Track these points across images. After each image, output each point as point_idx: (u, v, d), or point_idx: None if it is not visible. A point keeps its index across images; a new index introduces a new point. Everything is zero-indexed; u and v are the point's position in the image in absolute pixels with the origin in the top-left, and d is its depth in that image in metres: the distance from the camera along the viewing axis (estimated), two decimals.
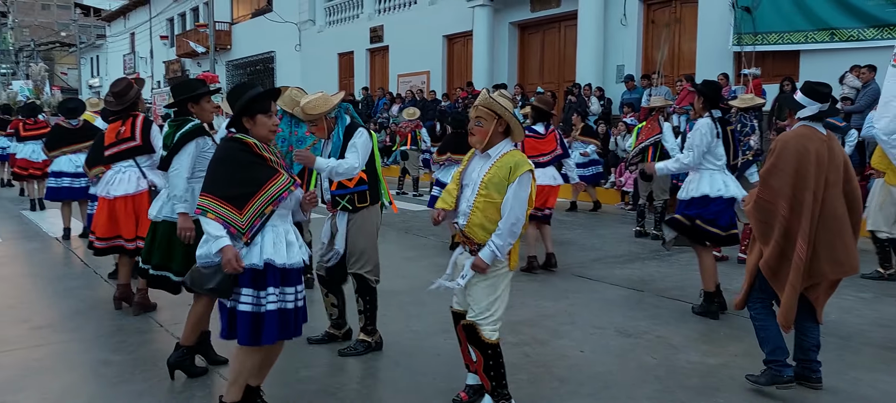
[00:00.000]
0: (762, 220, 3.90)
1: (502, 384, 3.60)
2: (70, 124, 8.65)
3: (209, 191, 3.27)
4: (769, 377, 3.94)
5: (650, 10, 15.28)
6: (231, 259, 3.18)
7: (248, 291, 3.26)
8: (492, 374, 3.57)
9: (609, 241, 9.03)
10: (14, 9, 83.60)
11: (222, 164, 3.32)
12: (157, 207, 4.52)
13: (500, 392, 3.60)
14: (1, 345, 4.87)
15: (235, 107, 3.37)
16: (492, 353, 3.53)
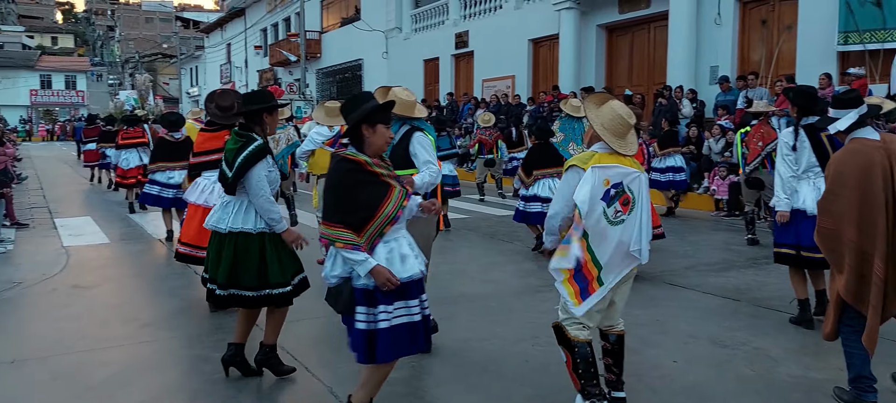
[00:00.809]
0: (829, 248, 3.69)
1: (591, 382, 3.61)
2: (172, 137, 9.11)
3: (329, 218, 3.24)
4: (852, 396, 3.79)
5: (746, 9, 14.73)
6: (388, 277, 3.17)
7: (361, 309, 3.24)
8: (579, 372, 3.62)
9: (702, 248, 8.75)
10: (121, 23, 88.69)
11: (337, 190, 3.26)
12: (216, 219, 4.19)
13: (589, 391, 3.60)
14: (110, 341, 5.16)
15: (354, 115, 3.27)
16: (578, 352, 3.59)
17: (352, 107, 3.32)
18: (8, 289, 6.80)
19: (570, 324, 3.64)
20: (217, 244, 4.15)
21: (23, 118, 52.96)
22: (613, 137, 3.53)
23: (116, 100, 51.86)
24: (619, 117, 3.54)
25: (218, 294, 4.14)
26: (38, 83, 59.17)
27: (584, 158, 3.57)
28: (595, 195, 3.45)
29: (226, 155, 4.09)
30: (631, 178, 3.53)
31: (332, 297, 3.31)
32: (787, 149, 5.23)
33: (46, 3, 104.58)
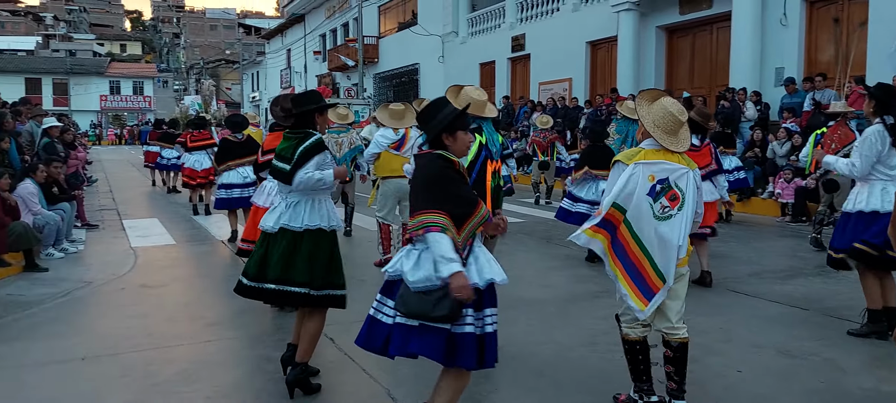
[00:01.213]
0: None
1: (640, 378, 3.77)
2: (235, 138, 9.42)
3: (441, 207, 3.06)
4: None
5: (813, 8, 14.27)
6: (466, 286, 2.99)
7: (470, 313, 3.11)
8: (630, 368, 3.79)
9: (767, 255, 8.51)
10: (186, 30, 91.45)
11: (441, 182, 3.14)
12: (274, 218, 4.14)
13: (637, 387, 3.78)
14: (177, 339, 5.32)
15: (434, 125, 3.21)
16: (628, 348, 3.76)
17: (430, 116, 3.25)
18: (79, 288, 7.07)
19: (626, 321, 3.76)
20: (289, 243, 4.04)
21: (93, 122, 55.07)
22: (663, 134, 3.55)
23: (181, 105, 53.55)
24: (670, 114, 3.56)
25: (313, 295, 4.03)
26: (108, 89, 61.44)
27: (629, 154, 3.63)
28: (638, 191, 3.50)
29: (281, 152, 4.10)
30: (678, 175, 3.54)
31: (432, 305, 3.03)
32: (882, 145, 4.94)
33: (116, 12, 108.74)
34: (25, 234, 7.70)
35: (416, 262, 3.12)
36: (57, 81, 59.68)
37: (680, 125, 3.59)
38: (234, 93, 63.36)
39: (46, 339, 5.36)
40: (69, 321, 5.94)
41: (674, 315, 3.69)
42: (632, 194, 3.53)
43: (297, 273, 4.00)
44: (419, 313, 3.05)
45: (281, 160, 4.09)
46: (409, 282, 3.09)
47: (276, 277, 4.03)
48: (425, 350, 3.10)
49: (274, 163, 4.14)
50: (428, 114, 3.27)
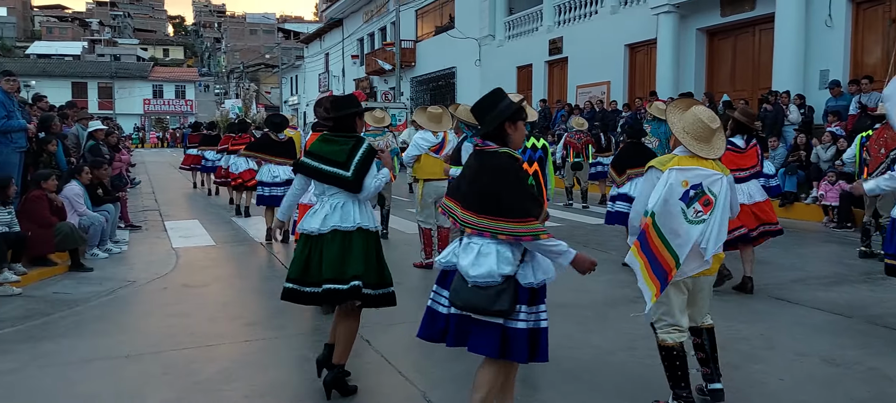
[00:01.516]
0: None
1: (679, 384, 3.70)
2: (277, 137, 9.62)
3: (520, 214, 3.11)
4: None
5: (860, 9, 13.93)
6: (592, 261, 3.26)
7: (523, 308, 3.18)
8: (668, 374, 3.74)
9: (811, 261, 8.32)
10: (227, 35, 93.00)
11: (521, 183, 3.22)
12: (320, 220, 4.07)
13: (676, 394, 3.72)
14: (217, 338, 5.41)
15: (496, 114, 3.22)
16: (665, 355, 3.72)
17: (490, 106, 3.27)
18: (123, 287, 7.23)
19: (661, 327, 3.75)
20: (341, 243, 4.02)
21: (136, 126, 56.32)
22: (694, 141, 3.63)
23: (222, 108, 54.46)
24: (700, 122, 3.62)
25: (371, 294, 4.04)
26: (151, 92, 62.81)
27: (663, 160, 3.70)
28: (672, 196, 3.56)
29: (329, 155, 4.10)
30: (712, 180, 3.59)
31: (489, 298, 3.09)
32: None
33: (159, 17, 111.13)
34: (71, 235, 7.90)
35: (476, 258, 3.15)
36: (102, 85, 61.23)
37: (712, 132, 3.63)
38: (274, 97, 64.21)
39: (91, 337, 5.49)
40: (113, 319, 6.08)
41: (699, 313, 3.87)
42: (666, 200, 3.58)
43: (350, 271, 3.98)
44: (476, 307, 3.11)
45: (331, 164, 4.07)
46: (470, 277, 3.12)
47: (331, 277, 3.98)
48: (480, 347, 3.17)
49: (321, 166, 4.10)
50: (488, 104, 3.28)
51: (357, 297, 4.00)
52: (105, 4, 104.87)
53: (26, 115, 8.95)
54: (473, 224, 3.16)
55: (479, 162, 3.25)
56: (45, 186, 8.00)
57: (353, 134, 4.18)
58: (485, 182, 3.18)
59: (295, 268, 4.10)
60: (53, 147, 9.19)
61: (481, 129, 3.30)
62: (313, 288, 4.03)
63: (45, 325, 5.83)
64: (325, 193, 4.15)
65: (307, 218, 4.14)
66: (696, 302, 3.83)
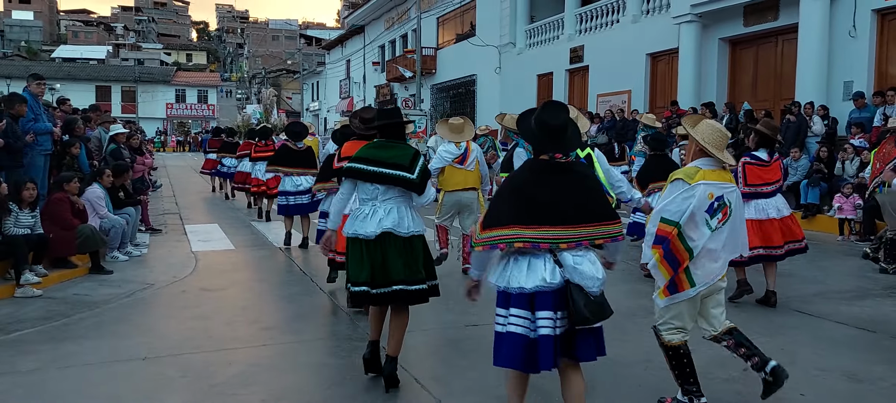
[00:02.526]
0: None
1: (688, 381, 3.91)
2: (296, 146, 9.67)
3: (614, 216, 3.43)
4: None
5: (885, 20, 13.75)
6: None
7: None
8: (676, 373, 3.95)
9: (833, 274, 8.20)
10: (249, 40, 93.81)
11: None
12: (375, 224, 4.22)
13: (686, 389, 3.92)
14: (235, 342, 5.43)
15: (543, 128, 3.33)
16: (672, 355, 3.92)
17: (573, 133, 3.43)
18: (142, 290, 7.29)
19: (664, 328, 3.95)
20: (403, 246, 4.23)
21: (159, 129, 56.90)
22: (717, 150, 3.84)
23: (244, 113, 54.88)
24: (718, 130, 3.89)
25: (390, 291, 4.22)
26: (174, 97, 63.40)
27: (689, 173, 3.84)
28: (700, 208, 3.76)
29: (394, 159, 4.26)
30: (729, 191, 3.86)
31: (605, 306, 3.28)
32: None
33: (182, 23, 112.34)
34: (93, 237, 7.98)
35: (593, 267, 3.29)
36: (125, 89, 61.90)
37: (726, 139, 3.92)
38: (295, 103, 64.63)
39: (111, 338, 5.54)
40: (133, 321, 6.13)
41: (717, 322, 4.02)
42: (693, 212, 3.76)
43: (417, 274, 4.24)
44: (603, 316, 3.27)
45: (394, 167, 4.24)
46: (599, 282, 3.27)
47: (401, 279, 4.20)
48: (589, 354, 3.35)
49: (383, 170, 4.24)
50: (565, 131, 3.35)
51: (425, 299, 4.31)
52: (130, 9, 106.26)
53: (51, 119, 9.08)
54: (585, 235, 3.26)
55: (571, 174, 3.33)
56: (67, 189, 8.10)
57: (408, 143, 4.48)
58: (588, 191, 3.34)
59: (362, 272, 4.22)
60: (76, 150, 9.31)
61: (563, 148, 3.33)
62: (382, 289, 4.22)
63: (65, 326, 5.90)
64: (377, 198, 4.28)
65: (359, 223, 4.25)
66: (708, 309, 3.99)
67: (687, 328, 3.93)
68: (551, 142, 3.31)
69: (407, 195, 4.32)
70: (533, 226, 3.22)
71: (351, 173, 4.36)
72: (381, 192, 4.27)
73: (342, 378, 4.61)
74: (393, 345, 4.32)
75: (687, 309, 3.90)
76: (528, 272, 3.26)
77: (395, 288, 4.20)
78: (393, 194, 4.27)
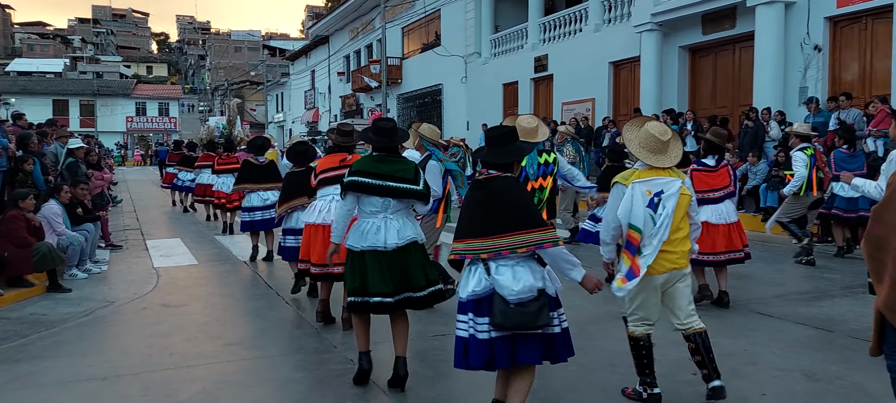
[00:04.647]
0: (873, 256, 3.38)
1: (644, 372, 4.19)
2: (257, 161, 9.58)
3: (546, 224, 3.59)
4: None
5: (837, 28, 14.13)
6: (599, 282, 3.60)
7: (555, 315, 3.60)
8: (635, 363, 4.23)
9: (791, 276, 8.37)
10: (211, 52, 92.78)
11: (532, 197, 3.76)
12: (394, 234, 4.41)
13: (642, 380, 4.21)
14: (198, 359, 5.34)
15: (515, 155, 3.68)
16: (632, 345, 4.22)
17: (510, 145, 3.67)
18: (102, 307, 7.15)
19: (632, 321, 4.21)
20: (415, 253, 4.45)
21: (118, 143, 55.85)
22: (648, 154, 4.09)
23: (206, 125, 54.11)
24: (652, 136, 4.09)
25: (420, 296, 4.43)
26: (134, 110, 62.34)
27: (625, 175, 4.15)
28: (639, 205, 4.02)
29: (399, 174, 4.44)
30: (668, 184, 4.07)
31: (533, 315, 3.41)
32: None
33: (142, 35, 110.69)
34: (50, 255, 7.80)
35: (514, 276, 3.45)
36: (84, 103, 60.70)
37: (664, 144, 4.10)
38: (259, 114, 64.00)
39: (70, 358, 5.42)
40: (92, 340, 6.00)
41: (682, 313, 4.19)
42: (635, 209, 4.04)
43: (423, 279, 4.44)
44: (523, 325, 3.41)
45: (402, 181, 4.40)
46: (514, 294, 3.40)
47: (424, 282, 4.43)
48: (530, 357, 3.54)
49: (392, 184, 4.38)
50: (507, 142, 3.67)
51: (434, 302, 4.54)
52: (88, 21, 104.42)
53: (4, 134, 8.86)
54: (503, 245, 3.44)
55: (488, 189, 3.57)
56: (22, 206, 7.90)
57: (405, 157, 4.73)
58: (504, 203, 3.52)
59: (384, 283, 4.34)
60: (30, 166, 9.07)
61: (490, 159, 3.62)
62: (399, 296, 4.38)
63: (22, 347, 5.75)
64: (387, 211, 4.41)
65: (372, 236, 4.37)
66: (673, 300, 4.19)
67: (651, 320, 4.18)
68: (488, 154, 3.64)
69: (409, 206, 4.53)
70: (464, 240, 3.57)
71: (358, 187, 4.42)
72: (392, 205, 4.41)
73: (309, 393, 4.57)
74: (401, 347, 4.50)
75: (650, 301, 4.14)
76: (466, 282, 3.58)
77: (413, 295, 4.40)
78: (401, 206, 4.45)
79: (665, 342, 4.88)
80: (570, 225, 11.14)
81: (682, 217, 4.13)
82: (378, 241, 4.34)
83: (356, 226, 4.48)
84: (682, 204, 4.11)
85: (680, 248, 4.10)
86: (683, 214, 4.13)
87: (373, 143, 4.56)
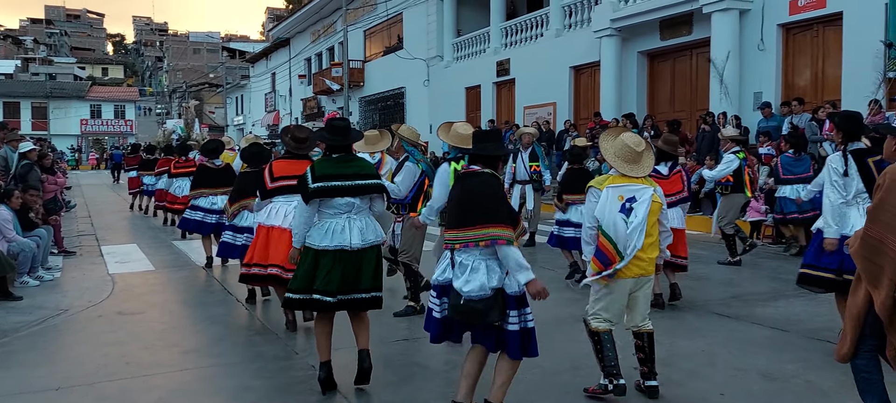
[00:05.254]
0: (869, 259, 3.42)
1: (608, 365, 4.32)
2: (213, 164, 9.42)
3: (505, 222, 3.66)
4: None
5: (790, 34, 14.49)
6: (544, 289, 3.64)
7: (514, 314, 3.74)
8: (597, 357, 4.39)
9: (748, 277, 8.54)
10: (169, 54, 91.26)
11: (503, 199, 3.79)
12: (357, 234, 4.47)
13: (607, 371, 4.33)
14: (154, 368, 5.23)
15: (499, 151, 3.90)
16: (595, 340, 4.36)
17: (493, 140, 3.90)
18: (55, 316, 6.95)
19: (593, 317, 4.37)
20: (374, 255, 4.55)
21: (72, 147, 54.53)
22: (623, 163, 4.28)
23: (164, 128, 53.21)
24: (627, 147, 4.27)
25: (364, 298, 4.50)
26: (89, 113, 60.95)
27: (600, 181, 4.35)
28: (613, 209, 4.21)
29: (364, 170, 4.57)
30: (640, 191, 4.25)
31: (482, 313, 3.61)
32: (837, 175, 5.16)
33: (97, 36, 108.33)
34: (0, 262, 7.56)
35: (468, 275, 3.64)
36: (36, 105, 59.14)
37: (638, 154, 4.28)
38: (218, 117, 63.09)
39: (21, 368, 5.25)
40: (44, 349, 5.82)
41: (639, 316, 4.41)
42: (608, 213, 4.22)
43: (371, 281, 4.52)
44: (472, 320, 3.67)
45: (368, 178, 4.54)
46: (464, 293, 3.61)
47: (370, 286, 4.51)
48: (482, 340, 3.79)
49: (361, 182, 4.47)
50: (489, 139, 3.90)
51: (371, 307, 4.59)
52: (40, 22, 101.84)
53: None
54: (470, 237, 3.62)
55: (465, 184, 3.78)
56: None
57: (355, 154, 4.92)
58: (475, 198, 3.69)
59: (331, 283, 4.37)
60: None
61: (479, 153, 3.82)
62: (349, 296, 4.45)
63: None
64: (351, 211, 4.46)
65: (338, 235, 4.40)
66: (636, 303, 4.38)
67: (613, 320, 4.34)
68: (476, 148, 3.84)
69: (369, 204, 4.60)
70: (446, 230, 3.87)
71: (327, 192, 4.41)
72: (356, 205, 4.47)
73: (269, 400, 4.50)
74: (364, 340, 4.55)
75: (617, 303, 4.32)
76: (439, 267, 3.87)
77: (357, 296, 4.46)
78: (364, 206, 4.53)
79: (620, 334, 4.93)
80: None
81: (654, 223, 4.29)
82: (344, 241, 4.39)
83: (319, 226, 4.47)
84: (654, 210, 4.27)
85: (649, 255, 4.27)
86: (655, 221, 4.30)
87: (327, 142, 4.57)
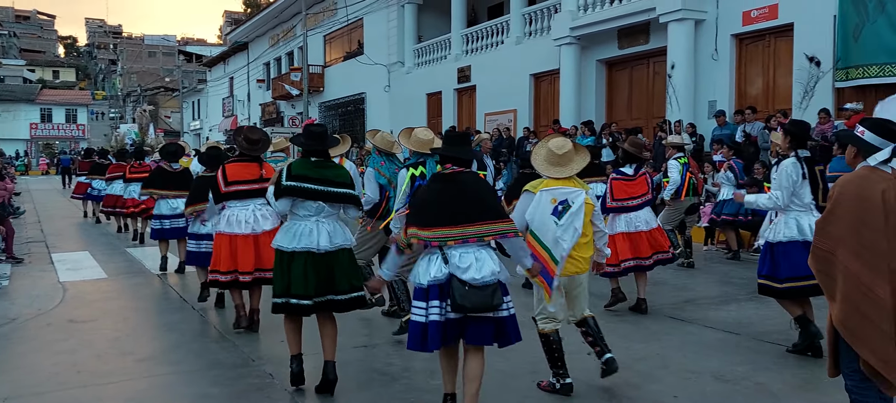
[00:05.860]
0: (821, 271, 3.43)
1: (556, 365, 4.55)
2: (171, 167, 9.28)
3: (507, 217, 3.97)
4: None
5: (743, 44, 14.86)
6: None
7: (506, 300, 3.90)
8: (547, 357, 4.58)
9: (701, 282, 8.72)
10: (123, 56, 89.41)
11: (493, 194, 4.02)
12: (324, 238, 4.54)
13: (555, 372, 4.56)
14: (107, 377, 5.12)
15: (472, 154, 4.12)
16: (544, 341, 4.55)
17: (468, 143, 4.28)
18: (2, 325, 6.76)
19: (540, 320, 4.54)
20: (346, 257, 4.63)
21: (18, 151, 52.98)
22: (549, 166, 4.50)
23: (117, 133, 52.10)
24: (551, 151, 4.51)
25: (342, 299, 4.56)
26: (39, 116, 59.40)
27: (534, 185, 4.51)
28: (545, 212, 4.37)
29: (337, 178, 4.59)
30: (573, 195, 4.42)
31: (489, 297, 3.73)
32: (791, 181, 5.28)
33: (48, 38, 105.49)
34: None
35: (477, 263, 3.76)
36: None
37: (561, 157, 4.48)
38: (174, 122, 62.02)
39: None
40: None
41: (579, 310, 4.69)
42: (540, 215, 4.38)
43: (351, 283, 4.58)
44: (484, 306, 3.73)
45: (340, 186, 4.55)
46: (477, 280, 3.72)
47: (348, 287, 4.56)
48: (480, 339, 3.86)
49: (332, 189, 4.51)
50: (466, 141, 4.27)
51: (355, 308, 4.65)
52: None
53: None
54: (471, 233, 3.76)
55: (455, 182, 3.88)
56: None
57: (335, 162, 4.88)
58: (470, 195, 3.84)
59: (307, 285, 4.44)
60: None
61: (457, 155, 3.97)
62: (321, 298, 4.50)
63: None
64: (320, 214, 4.52)
65: (306, 238, 4.46)
66: (574, 300, 4.64)
67: (558, 318, 4.54)
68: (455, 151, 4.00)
69: (339, 210, 4.66)
70: (427, 228, 3.78)
71: (298, 192, 4.46)
72: (325, 209, 4.52)
73: None
74: (330, 351, 4.58)
75: (555, 301, 4.49)
76: (426, 270, 3.82)
77: (335, 298, 4.52)
78: (333, 211, 4.59)
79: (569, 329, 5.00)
80: None
81: (586, 224, 4.49)
82: (311, 243, 4.45)
83: (287, 228, 4.57)
84: (586, 212, 4.46)
85: (582, 254, 4.51)
86: (587, 221, 4.50)
87: (304, 147, 4.65)
